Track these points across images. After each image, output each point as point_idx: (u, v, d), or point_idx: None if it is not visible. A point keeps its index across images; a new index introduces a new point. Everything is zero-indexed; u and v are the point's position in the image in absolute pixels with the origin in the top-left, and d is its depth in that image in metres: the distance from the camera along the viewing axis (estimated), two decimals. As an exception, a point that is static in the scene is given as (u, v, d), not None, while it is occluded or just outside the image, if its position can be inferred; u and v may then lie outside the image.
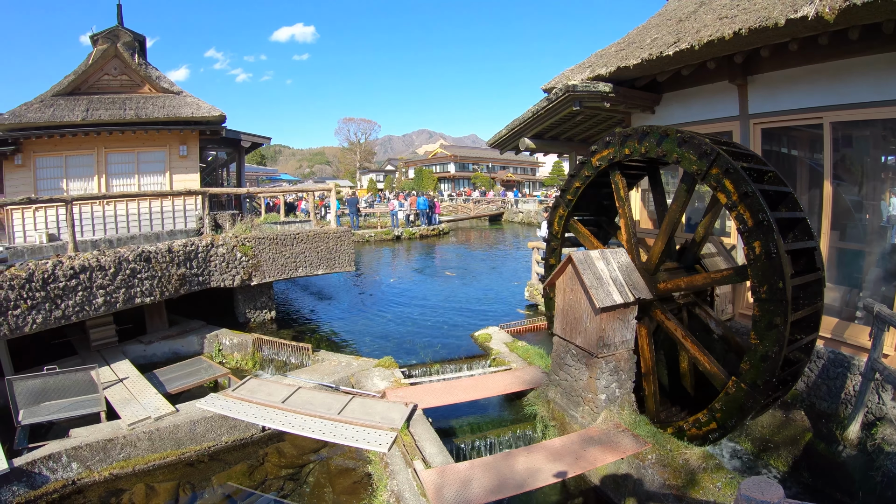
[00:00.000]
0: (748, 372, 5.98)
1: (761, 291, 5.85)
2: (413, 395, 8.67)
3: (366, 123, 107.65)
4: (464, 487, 5.88)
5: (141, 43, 18.14)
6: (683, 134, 6.84)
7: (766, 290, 5.80)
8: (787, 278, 5.65)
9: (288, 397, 8.56)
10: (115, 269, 10.58)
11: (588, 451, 6.55)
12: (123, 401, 8.83)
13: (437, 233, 38.50)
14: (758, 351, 5.87)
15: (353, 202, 37.30)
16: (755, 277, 5.92)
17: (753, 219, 5.89)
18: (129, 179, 16.87)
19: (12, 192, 15.23)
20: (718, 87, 9.20)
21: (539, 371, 9.54)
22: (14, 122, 15.06)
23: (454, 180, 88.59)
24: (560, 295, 7.92)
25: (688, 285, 7.22)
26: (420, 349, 12.58)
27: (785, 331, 5.61)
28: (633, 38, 10.22)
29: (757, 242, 5.84)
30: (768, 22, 6.80)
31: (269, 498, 7.03)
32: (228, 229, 14.19)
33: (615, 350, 7.22)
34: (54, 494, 7.15)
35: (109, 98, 16.68)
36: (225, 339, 12.39)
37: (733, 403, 6.15)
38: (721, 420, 6.32)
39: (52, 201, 12.62)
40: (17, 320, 9.06)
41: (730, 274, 6.90)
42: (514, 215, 52.06)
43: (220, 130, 17.51)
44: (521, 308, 16.08)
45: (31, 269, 9.34)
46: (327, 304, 18.34)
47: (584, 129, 13.60)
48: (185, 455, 7.98)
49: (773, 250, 5.67)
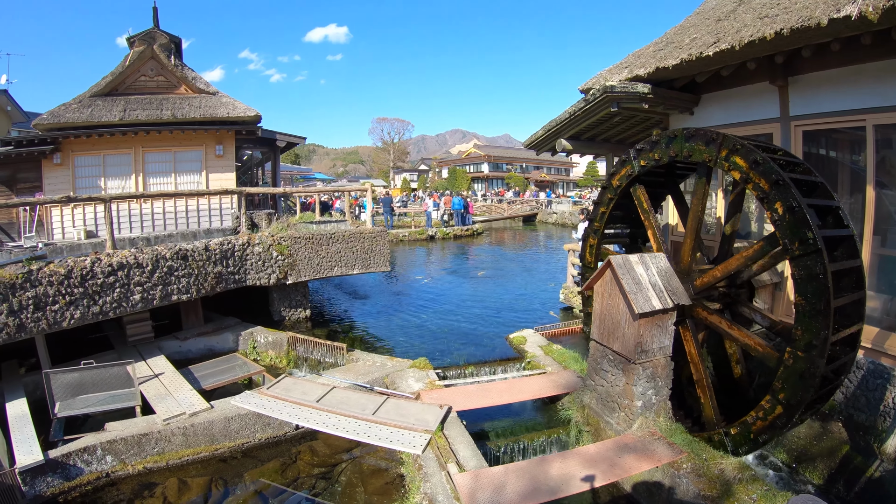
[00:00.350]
0: (801, 337, 5.73)
1: (793, 248, 5.74)
2: (447, 397, 8.62)
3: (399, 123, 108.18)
4: (497, 492, 5.81)
5: (177, 44, 18.44)
6: (689, 130, 6.90)
7: (797, 245, 5.70)
8: (815, 228, 5.54)
9: (322, 396, 8.56)
10: (153, 266, 10.72)
11: (623, 459, 6.44)
12: (159, 396, 8.94)
13: (470, 233, 38.38)
14: (806, 311, 5.68)
15: (387, 201, 37.39)
16: (783, 236, 5.82)
17: (768, 181, 5.89)
18: (165, 178, 17.09)
19: (51, 191, 15.51)
20: (758, 89, 8.98)
21: (574, 375, 9.42)
22: (53, 123, 15.40)
23: (488, 180, 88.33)
24: (598, 299, 7.80)
25: (723, 273, 7.03)
26: (454, 350, 12.51)
27: (827, 280, 5.43)
28: (671, 37, 10.05)
29: (778, 203, 5.81)
30: (810, 22, 6.62)
31: (300, 496, 7.03)
32: (265, 228, 14.29)
33: (653, 356, 7.08)
34: (88, 486, 7.27)
35: (146, 98, 16.99)
36: (260, 337, 12.47)
37: (794, 374, 5.83)
38: (786, 399, 5.93)
39: (90, 199, 12.83)
40: (55, 315, 9.24)
41: (760, 246, 6.57)
42: (548, 216, 51.71)
43: (256, 130, 17.67)
44: (555, 311, 15.92)
45: (70, 265, 9.51)
46: (361, 304, 18.36)
47: (622, 130, 13.43)
48: (219, 451, 8.05)
49: (794, 205, 5.63)
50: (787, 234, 5.79)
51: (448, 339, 13.62)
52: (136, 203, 15.14)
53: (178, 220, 15.44)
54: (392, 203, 39.98)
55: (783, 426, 6.00)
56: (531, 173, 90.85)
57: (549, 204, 57.00)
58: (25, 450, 7.22)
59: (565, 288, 16.35)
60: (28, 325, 8.95)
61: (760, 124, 9.09)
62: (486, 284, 21.09)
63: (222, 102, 17.44)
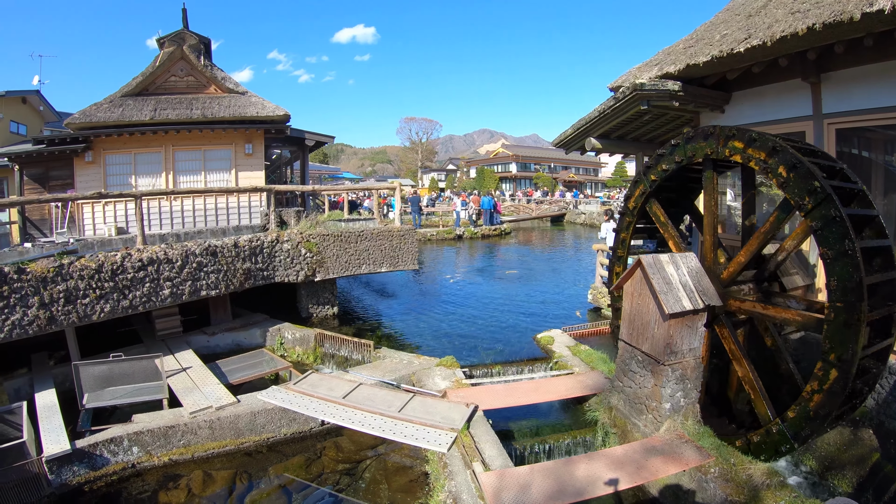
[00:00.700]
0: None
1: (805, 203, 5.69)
2: (474, 395, 8.56)
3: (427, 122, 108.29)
4: (522, 492, 5.75)
5: (206, 45, 18.65)
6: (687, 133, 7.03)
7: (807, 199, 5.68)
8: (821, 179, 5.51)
9: (349, 393, 8.56)
10: (182, 262, 10.84)
11: (650, 462, 6.33)
12: (186, 389, 9.02)
13: (498, 233, 38.31)
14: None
15: (416, 201, 37.47)
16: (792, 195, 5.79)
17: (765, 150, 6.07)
18: (195, 176, 17.28)
19: (83, 188, 15.77)
20: (790, 86, 8.82)
21: (602, 376, 9.30)
22: (85, 122, 15.68)
23: (515, 180, 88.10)
24: (627, 299, 7.69)
25: (746, 256, 6.85)
26: (481, 349, 12.47)
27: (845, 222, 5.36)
28: (701, 34, 9.92)
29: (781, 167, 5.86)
30: (843, 16, 6.50)
31: (324, 491, 7.06)
32: (293, 226, 14.36)
33: (682, 358, 6.96)
34: (114, 476, 7.38)
35: (176, 98, 17.25)
36: (287, 333, 12.54)
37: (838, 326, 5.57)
38: (837, 357, 5.62)
39: (121, 196, 13.04)
40: (85, 309, 9.40)
41: (775, 216, 6.44)
42: (576, 216, 51.41)
43: (285, 129, 17.79)
44: (583, 311, 15.80)
45: (101, 260, 9.64)
46: (389, 302, 18.40)
47: (652, 128, 13.28)
48: (244, 445, 8.11)
49: (795, 162, 5.64)
50: (794, 192, 5.74)
51: (475, 337, 13.57)
52: (167, 200, 15.37)
53: (208, 217, 15.62)
54: (420, 202, 40.03)
55: (842, 391, 5.58)
56: (559, 173, 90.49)
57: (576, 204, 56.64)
58: (53, 439, 7.34)
59: (593, 288, 16.22)
60: (59, 318, 9.12)
61: (793, 122, 8.93)
62: (514, 284, 21.00)
63: (251, 102, 17.59)
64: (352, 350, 11.34)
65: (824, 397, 5.65)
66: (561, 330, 12.46)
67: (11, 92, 22.91)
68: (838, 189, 5.71)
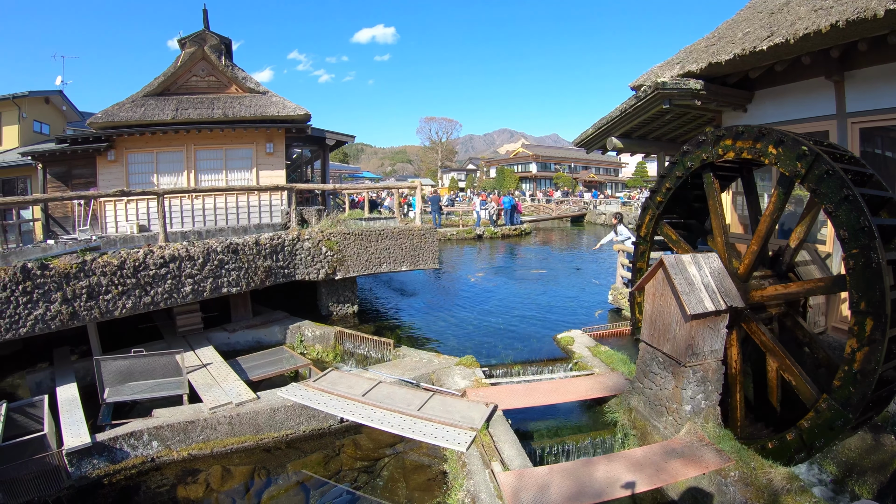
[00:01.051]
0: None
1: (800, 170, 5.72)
2: (493, 395, 8.53)
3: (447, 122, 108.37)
4: (541, 492, 5.72)
5: (227, 46, 18.76)
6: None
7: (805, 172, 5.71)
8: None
9: (368, 391, 8.56)
10: (204, 259, 10.92)
11: (669, 464, 6.26)
12: (206, 385, 9.10)
13: (518, 233, 38.22)
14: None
15: (436, 200, 37.41)
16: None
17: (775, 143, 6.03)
18: (216, 175, 17.37)
19: (105, 186, 15.93)
20: (814, 84, 8.73)
21: (622, 378, 9.23)
22: (107, 121, 15.84)
23: (536, 180, 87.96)
24: (649, 300, 7.62)
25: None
26: (501, 349, 12.43)
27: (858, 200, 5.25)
28: (723, 32, 9.84)
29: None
30: (866, 13, 6.42)
31: (341, 488, 7.08)
32: (314, 224, 14.41)
33: (703, 359, 6.87)
34: (133, 470, 7.46)
35: (198, 98, 17.38)
36: (307, 331, 12.59)
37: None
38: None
39: (144, 194, 13.15)
40: (107, 304, 9.50)
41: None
42: (596, 217, 51.19)
43: (306, 129, 17.84)
44: (604, 312, 15.71)
45: (123, 257, 9.74)
46: (409, 301, 18.41)
47: (674, 128, 13.19)
48: (263, 441, 8.16)
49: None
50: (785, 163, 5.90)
51: (495, 337, 13.53)
52: (188, 198, 15.49)
53: (229, 215, 15.71)
54: (440, 202, 40.00)
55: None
56: (579, 173, 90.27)
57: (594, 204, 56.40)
58: (74, 432, 7.45)
59: (614, 289, 16.12)
60: (81, 314, 9.23)
61: (816, 121, 8.84)
62: (534, 284, 20.93)
63: (272, 101, 17.68)
64: (371, 348, 11.35)
65: (868, 349, 5.40)
66: (581, 330, 12.38)
67: (35, 92, 23.19)
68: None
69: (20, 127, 22.33)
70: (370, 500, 6.85)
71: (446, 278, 22.67)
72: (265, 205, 16.43)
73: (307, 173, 25.24)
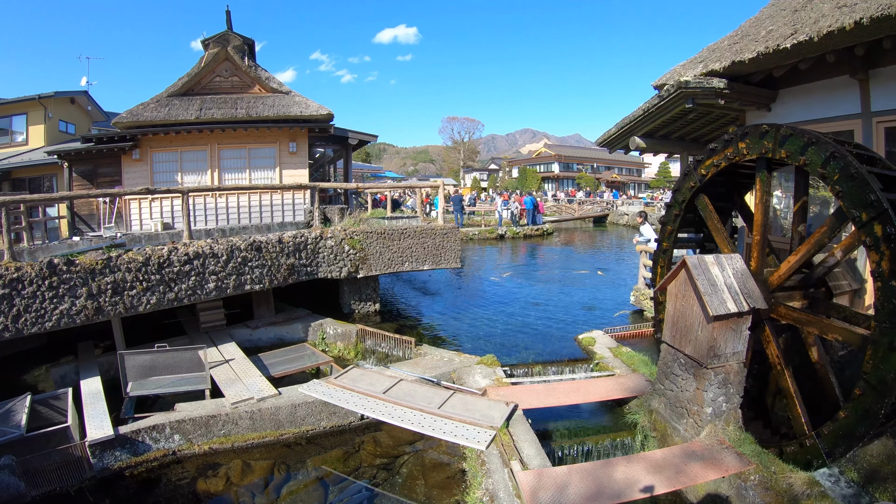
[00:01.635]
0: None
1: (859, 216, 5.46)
2: (514, 394, 8.51)
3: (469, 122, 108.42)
4: (560, 492, 5.71)
5: (250, 46, 18.97)
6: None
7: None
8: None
9: (389, 388, 8.61)
10: (227, 256, 11.03)
11: (689, 467, 6.22)
12: (228, 380, 9.19)
13: (540, 233, 38.11)
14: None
15: (458, 200, 37.38)
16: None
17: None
18: (240, 174, 17.60)
19: (130, 185, 16.21)
20: (838, 83, 8.57)
21: (643, 379, 9.17)
22: (132, 121, 16.14)
23: (558, 180, 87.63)
24: (671, 300, 7.56)
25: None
26: (522, 349, 12.41)
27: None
28: (746, 30, 9.72)
29: None
30: (891, 10, 6.27)
31: (360, 485, 7.11)
32: (337, 223, 14.51)
33: (725, 362, 6.81)
34: (154, 463, 7.58)
35: (221, 98, 17.62)
36: (329, 329, 12.67)
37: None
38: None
39: (168, 192, 13.35)
40: (132, 300, 9.64)
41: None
42: (618, 217, 50.90)
43: (329, 128, 17.97)
44: (625, 313, 15.63)
45: (148, 253, 9.86)
46: (431, 300, 18.45)
47: (697, 127, 13.06)
48: (284, 436, 8.23)
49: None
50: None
51: (516, 337, 13.51)
52: (212, 197, 15.65)
53: (252, 213, 15.86)
54: (462, 201, 39.99)
55: (877, 414, 5.43)
56: (602, 174, 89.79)
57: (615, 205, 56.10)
58: (96, 424, 7.58)
59: (636, 290, 16.02)
60: (106, 309, 9.36)
61: (840, 121, 8.67)
62: (556, 284, 20.89)
63: (295, 101, 17.83)
64: (393, 346, 11.39)
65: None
66: (602, 331, 12.33)
67: (60, 93, 23.62)
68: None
69: (46, 126, 22.74)
70: (388, 496, 6.87)
71: (468, 278, 22.66)
72: (288, 203, 16.55)
73: (330, 172, 25.39)
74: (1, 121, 22.96)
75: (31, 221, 12.82)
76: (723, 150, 7.45)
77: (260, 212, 16.03)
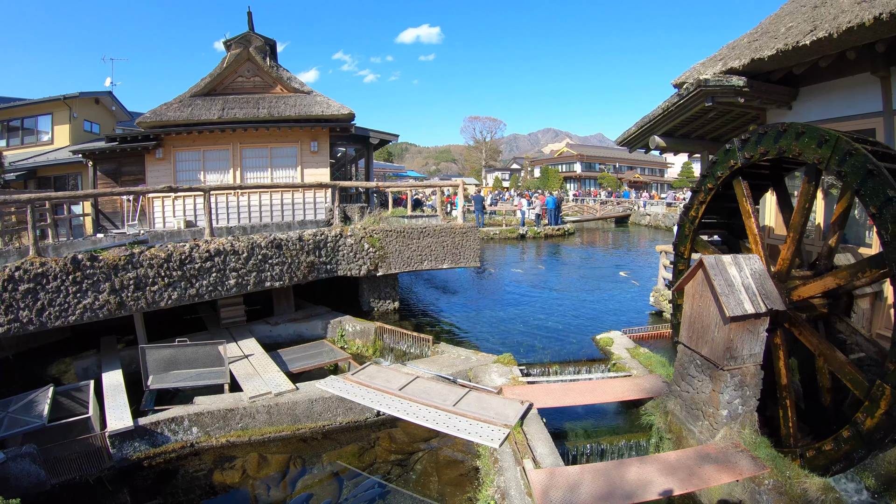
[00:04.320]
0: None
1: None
2: (529, 393, 8.53)
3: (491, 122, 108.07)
4: (571, 491, 5.73)
5: (272, 47, 19.15)
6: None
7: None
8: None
9: (405, 385, 8.68)
10: (248, 254, 11.18)
11: (703, 469, 6.19)
12: (247, 375, 9.34)
13: (562, 233, 37.99)
14: None
15: (479, 199, 37.42)
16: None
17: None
18: (262, 173, 17.78)
19: (153, 183, 16.43)
20: (859, 80, 8.44)
21: (660, 380, 9.13)
22: (155, 121, 16.39)
23: (580, 180, 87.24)
24: (688, 301, 7.51)
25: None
26: (539, 348, 12.41)
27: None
28: (766, 27, 9.62)
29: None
30: (910, 4, 6.19)
31: (374, 480, 7.20)
32: (357, 221, 14.61)
33: (742, 363, 6.75)
34: (172, 454, 7.77)
35: (243, 98, 17.81)
36: (348, 326, 12.78)
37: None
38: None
39: (190, 190, 13.58)
40: (154, 295, 9.82)
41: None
42: (640, 218, 50.62)
43: (350, 128, 18.12)
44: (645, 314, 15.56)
45: (170, 250, 10.03)
46: (449, 298, 18.48)
47: (717, 126, 12.94)
48: (300, 431, 8.36)
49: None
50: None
51: (534, 336, 13.50)
52: (234, 195, 15.82)
53: (274, 212, 15.99)
54: (483, 201, 39.95)
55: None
56: (624, 173, 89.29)
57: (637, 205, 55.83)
58: (117, 416, 7.76)
59: (656, 291, 15.95)
60: (128, 304, 9.57)
61: (862, 119, 8.53)
62: (575, 284, 20.81)
63: (316, 101, 17.98)
64: (411, 344, 11.47)
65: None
66: (620, 332, 12.31)
67: (85, 93, 24.13)
68: None
69: (71, 126, 23.23)
70: (401, 492, 6.94)
71: (488, 277, 22.66)
72: (309, 202, 16.67)
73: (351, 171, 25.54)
74: (27, 121, 23.52)
75: (56, 218, 13.05)
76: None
77: (282, 210, 16.16)
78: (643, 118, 11.79)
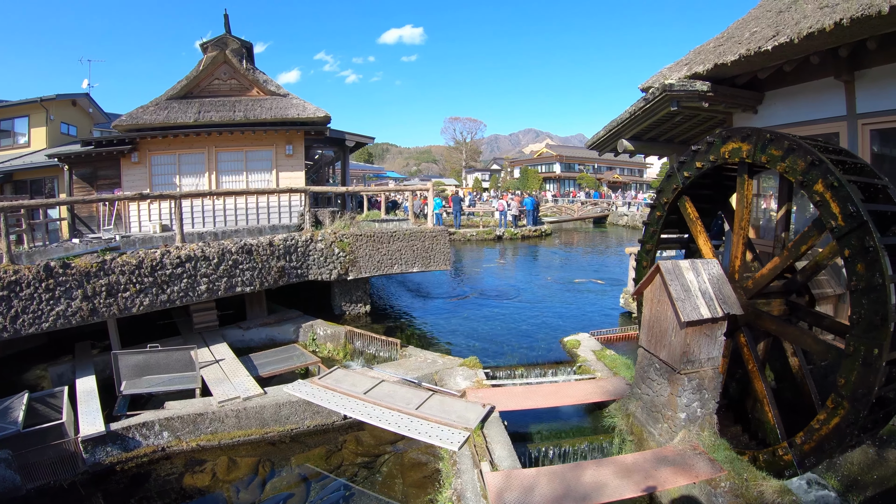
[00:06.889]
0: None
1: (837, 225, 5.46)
2: (492, 396, 8.70)
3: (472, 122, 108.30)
4: (525, 493, 5.86)
5: (248, 49, 19.21)
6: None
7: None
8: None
9: (370, 389, 8.85)
10: (219, 259, 11.32)
11: (659, 471, 6.27)
12: (217, 380, 9.49)
13: (539, 234, 38.21)
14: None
15: (457, 200, 37.53)
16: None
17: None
18: (237, 176, 17.84)
19: (129, 187, 16.46)
20: (823, 84, 8.57)
21: (623, 382, 9.27)
22: (131, 124, 16.38)
23: (559, 180, 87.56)
24: (647, 305, 7.62)
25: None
26: (507, 351, 12.61)
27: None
28: (732, 32, 9.70)
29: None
30: (871, 10, 6.29)
31: (341, 482, 7.38)
32: (328, 225, 14.73)
33: (699, 367, 6.84)
34: (144, 458, 7.89)
35: (220, 101, 17.86)
36: (319, 330, 12.95)
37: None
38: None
39: (161, 197, 13.64)
40: (126, 302, 9.94)
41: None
42: (618, 218, 50.99)
43: (325, 131, 18.24)
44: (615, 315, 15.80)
45: (141, 256, 10.15)
46: (422, 301, 18.63)
47: (685, 129, 13.09)
48: (269, 434, 8.51)
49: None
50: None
51: (504, 339, 13.70)
52: (209, 200, 15.85)
53: (249, 215, 16.13)
54: (461, 202, 40.05)
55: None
56: (604, 174, 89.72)
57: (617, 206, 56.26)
58: (90, 421, 7.89)
59: (626, 292, 16.17)
60: (100, 310, 9.68)
61: (826, 123, 8.66)
62: (549, 286, 21.07)
63: (292, 104, 18.04)
64: (380, 347, 11.63)
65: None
66: (588, 334, 12.48)
67: (62, 95, 23.93)
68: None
69: (48, 129, 23.02)
70: (367, 494, 7.11)
71: (463, 280, 22.86)
72: (284, 206, 16.80)
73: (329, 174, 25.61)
74: (3, 123, 23.26)
75: (32, 223, 13.08)
76: (706, 152, 7.40)
77: (256, 214, 16.28)
78: (612, 122, 11.91)
